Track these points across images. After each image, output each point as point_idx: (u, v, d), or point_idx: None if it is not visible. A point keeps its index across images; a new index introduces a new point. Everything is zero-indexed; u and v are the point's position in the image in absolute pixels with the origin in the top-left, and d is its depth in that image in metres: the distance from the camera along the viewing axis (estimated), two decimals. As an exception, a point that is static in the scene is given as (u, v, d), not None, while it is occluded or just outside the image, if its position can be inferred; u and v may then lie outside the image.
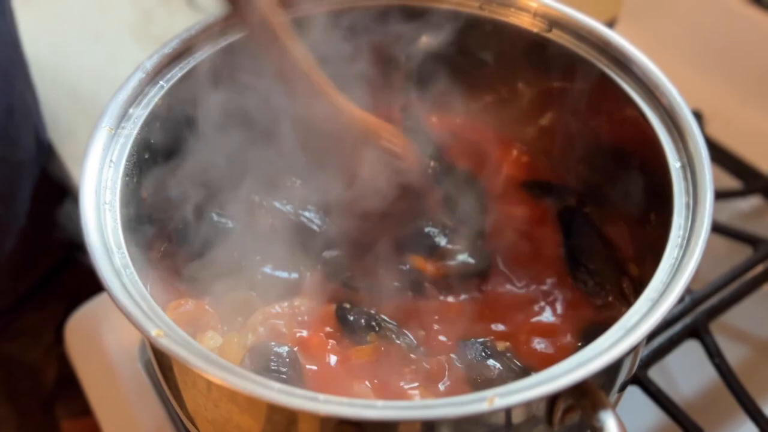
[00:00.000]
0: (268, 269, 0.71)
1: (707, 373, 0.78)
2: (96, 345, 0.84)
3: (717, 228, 0.86)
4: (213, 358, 0.50)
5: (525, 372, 0.63)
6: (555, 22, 0.74)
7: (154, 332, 0.51)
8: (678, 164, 0.63)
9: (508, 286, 0.72)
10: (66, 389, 0.87)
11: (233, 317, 0.68)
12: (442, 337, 0.67)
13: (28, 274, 0.94)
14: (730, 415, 0.76)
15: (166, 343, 0.50)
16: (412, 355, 0.65)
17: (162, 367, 0.62)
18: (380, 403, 0.49)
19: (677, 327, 0.79)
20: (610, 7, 1.13)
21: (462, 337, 0.67)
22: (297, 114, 0.70)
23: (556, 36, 0.73)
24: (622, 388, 0.64)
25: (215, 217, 0.72)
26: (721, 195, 0.92)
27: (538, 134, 0.82)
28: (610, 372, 0.56)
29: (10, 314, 0.93)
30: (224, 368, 0.49)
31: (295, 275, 0.71)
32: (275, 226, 0.74)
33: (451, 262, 0.72)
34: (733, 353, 0.79)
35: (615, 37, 0.71)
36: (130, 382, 0.81)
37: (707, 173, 0.60)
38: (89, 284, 0.79)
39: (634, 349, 0.52)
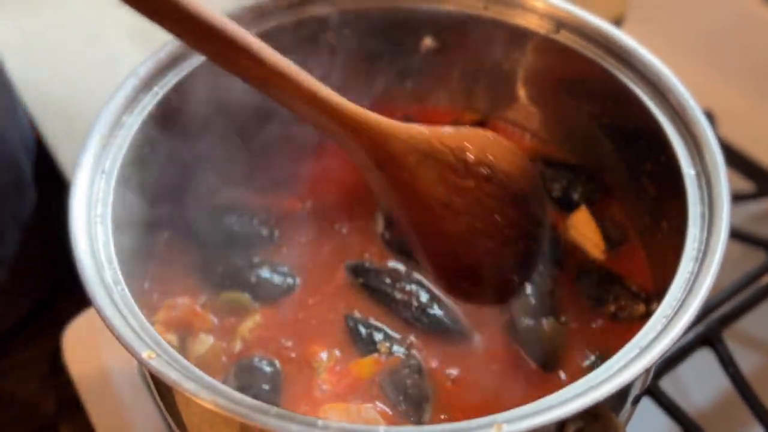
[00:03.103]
0: (265, 273, 0.69)
1: (720, 382, 0.76)
2: (94, 354, 0.83)
3: (729, 232, 0.84)
4: (206, 381, 0.48)
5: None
6: (563, 23, 0.72)
7: (145, 354, 0.49)
8: (692, 172, 0.61)
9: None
10: (68, 410, 0.86)
11: (226, 316, 0.67)
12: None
13: (17, 306, 0.92)
14: (744, 426, 0.75)
15: (157, 365, 0.48)
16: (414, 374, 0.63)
17: (158, 385, 0.60)
18: (381, 429, 0.47)
19: (689, 336, 0.77)
20: (616, 4, 1.11)
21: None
22: None
23: (564, 38, 0.71)
24: (635, 402, 0.62)
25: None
26: (733, 198, 0.89)
27: (540, 137, 0.80)
28: (622, 392, 0.54)
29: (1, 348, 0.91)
30: (218, 392, 0.48)
31: (290, 281, 0.70)
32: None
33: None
34: (747, 362, 0.77)
35: (626, 39, 0.69)
36: (129, 391, 0.79)
37: (723, 182, 0.58)
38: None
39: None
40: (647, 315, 0.53)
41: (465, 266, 0.59)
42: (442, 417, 0.61)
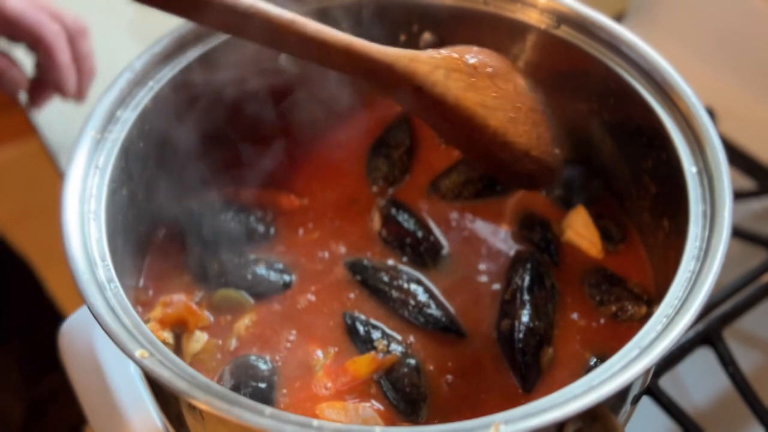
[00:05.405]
0: (261, 270, 0.69)
1: (720, 381, 0.75)
2: (90, 351, 0.82)
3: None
4: (200, 381, 0.48)
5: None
6: (563, 18, 0.71)
7: (137, 353, 0.48)
8: (694, 169, 0.60)
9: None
10: (36, 422, 0.84)
11: (222, 314, 0.67)
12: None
13: None
14: (744, 425, 0.74)
15: (149, 365, 0.48)
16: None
17: (152, 384, 0.60)
18: (378, 429, 0.46)
19: (689, 334, 0.76)
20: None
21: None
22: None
23: (565, 33, 0.70)
24: (635, 401, 0.61)
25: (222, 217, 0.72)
26: (734, 196, 0.89)
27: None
28: (621, 392, 0.53)
29: None
30: (211, 392, 0.47)
31: (286, 278, 0.69)
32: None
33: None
34: (747, 361, 0.77)
35: (628, 35, 0.68)
36: (126, 389, 0.79)
37: (725, 180, 0.58)
38: (51, 316, 0.76)
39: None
40: (649, 317, 0.53)
41: (516, 155, 0.66)
42: (439, 416, 0.61)
